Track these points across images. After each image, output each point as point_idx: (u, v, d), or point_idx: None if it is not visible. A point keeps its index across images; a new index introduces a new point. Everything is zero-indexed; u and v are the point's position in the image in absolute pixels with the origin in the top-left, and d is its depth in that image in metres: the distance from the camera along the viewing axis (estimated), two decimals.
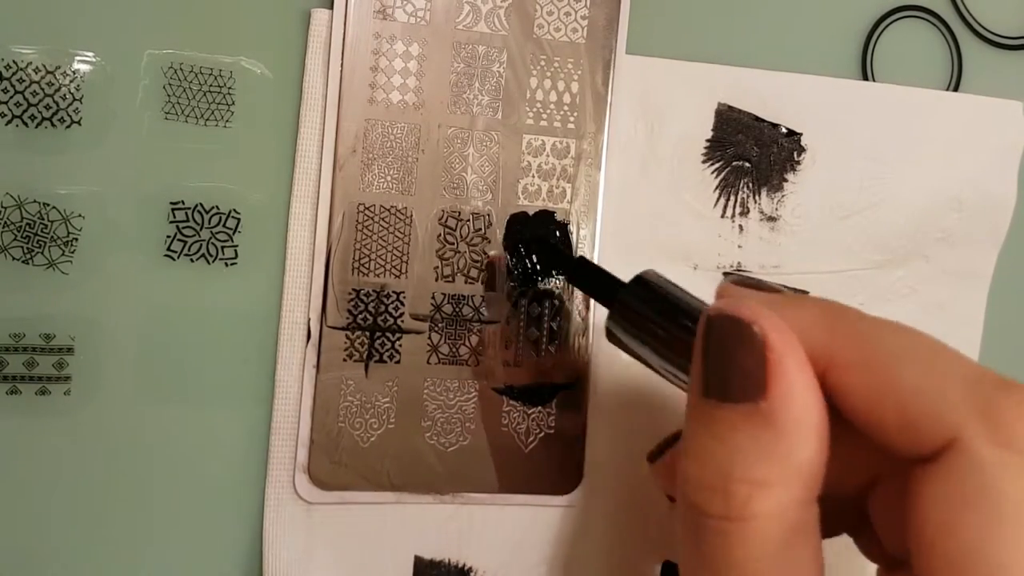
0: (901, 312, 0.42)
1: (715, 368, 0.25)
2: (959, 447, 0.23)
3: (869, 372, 0.25)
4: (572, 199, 0.38)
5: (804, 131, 0.40)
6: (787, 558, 0.24)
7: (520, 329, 0.38)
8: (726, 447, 0.24)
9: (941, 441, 0.23)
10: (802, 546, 0.24)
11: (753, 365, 0.24)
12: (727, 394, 0.24)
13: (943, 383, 0.24)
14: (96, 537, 0.36)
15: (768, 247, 0.40)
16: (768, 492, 0.23)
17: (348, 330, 0.37)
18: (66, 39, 0.35)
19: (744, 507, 0.23)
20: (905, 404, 0.24)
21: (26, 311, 0.35)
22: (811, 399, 0.24)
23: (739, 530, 0.24)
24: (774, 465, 0.24)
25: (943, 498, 0.23)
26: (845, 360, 0.25)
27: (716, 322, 0.25)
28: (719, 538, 0.24)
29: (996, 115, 0.42)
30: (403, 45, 0.37)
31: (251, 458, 0.37)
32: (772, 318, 0.25)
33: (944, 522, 0.22)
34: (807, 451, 0.24)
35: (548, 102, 0.38)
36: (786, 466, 0.24)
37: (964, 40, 0.42)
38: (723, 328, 0.25)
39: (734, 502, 0.24)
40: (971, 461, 0.22)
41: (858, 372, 0.25)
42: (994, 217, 0.42)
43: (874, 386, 0.24)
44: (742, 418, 0.24)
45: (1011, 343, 0.44)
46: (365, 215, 0.37)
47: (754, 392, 0.24)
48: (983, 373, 0.24)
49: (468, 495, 0.38)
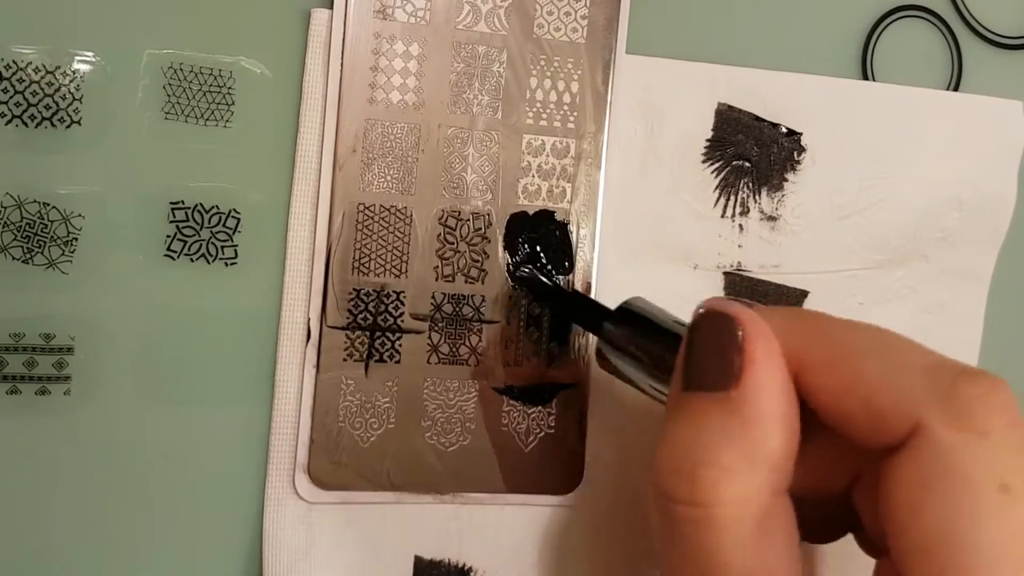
0: (901, 312, 0.42)
1: (696, 360, 0.27)
2: (921, 432, 0.24)
3: (836, 370, 0.26)
4: (572, 199, 0.38)
5: (804, 131, 0.40)
6: (758, 547, 0.24)
7: (520, 329, 0.38)
8: (695, 432, 0.25)
9: (905, 429, 0.24)
10: (773, 536, 0.25)
11: (730, 357, 0.26)
12: (702, 384, 0.26)
13: (904, 374, 0.25)
14: (96, 537, 0.36)
15: (768, 247, 0.41)
16: (733, 477, 0.24)
17: (348, 330, 0.37)
18: (66, 39, 0.35)
19: (710, 491, 0.24)
20: (870, 397, 0.25)
21: (26, 311, 0.35)
22: (780, 393, 0.26)
23: (707, 516, 0.24)
24: (740, 452, 0.25)
25: (909, 482, 0.24)
26: (814, 361, 0.26)
27: (704, 318, 0.27)
28: (689, 526, 0.25)
29: (996, 115, 0.42)
30: (403, 45, 0.37)
31: (251, 458, 0.37)
32: (754, 318, 0.26)
33: (912, 504, 0.23)
34: (773, 441, 0.25)
35: (548, 102, 0.38)
36: (752, 454, 0.25)
37: (964, 40, 0.42)
38: (709, 323, 0.27)
39: (700, 485, 0.24)
40: (933, 445, 0.24)
41: (826, 371, 0.26)
42: (994, 217, 0.42)
43: (841, 383, 0.26)
44: (713, 405, 0.25)
45: (1011, 343, 0.44)
46: (365, 215, 0.37)
47: (726, 381, 0.25)
48: (942, 361, 0.25)
49: (468, 495, 0.38)
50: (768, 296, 0.40)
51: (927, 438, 0.24)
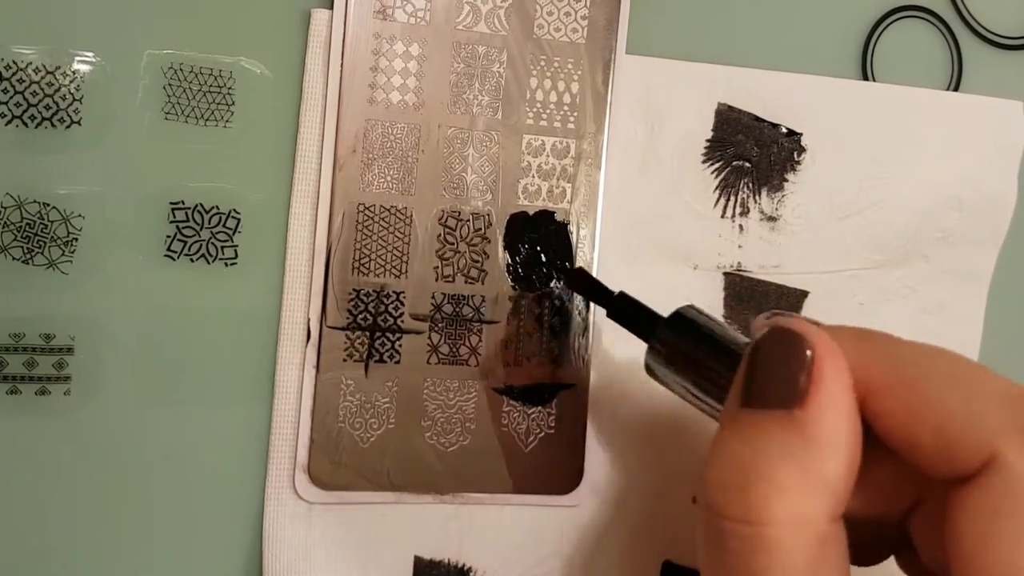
0: (901, 312, 0.42)
1: (758, 378, 0.25)
2: (997, 463, 0.23)
3: (905, 396, 0.25)
4: (572, 199, 0.38)
5: (804, 131, 0.40)
6: (811, 574, 0.23)
7: (520, 329, 0.38)
8: (752, 449, 0.24)
9: (979, 459, 0.23)
10: (826, 564, 0.24)
11: (797, 376, 0.25)
12: (765, 402, 0.25)
13: (979, 402, 0.24)
14: (96, 537, 0.36)
15: (768, 247, 0.40)
16: (789, 497, 0.23)
17: (348, 330, 0.37)
18: (66, 39, 0.35)
19: (763, 509, 0.23)
20: (942, 425, 0.24)
21: (26, 311, 0.35)
22: (846, 416, 0.24)
23: (759, 536, 0.23)
24: (798, 472, 0.24)
25: (980, 512, 0.23)
26: (881, 385, 0.25)
27: (771, 335, 0.26)
28: (739, 544, 0.24)
29: (996, 115, 0.42)
30: (403, 45, 0.37)
31: (251, 458, 0.37)
32: (825, 338, 0.25)
33: (981, 535, 0.23)
34: (834, 465, 0.24)
35: (548, 102, 0.38)
36: (811, 476, 0.24)
37: (964, 40, 0.42)
38: (776, 341, 0.26)
39: (753, 502, 0.23)
40: (1009, 475, 0.23)
41: (894, 396, 0.25)
42: (994, 217, 0.42)
43: (910, 410, 0.25)
44: (774, 423, 0.24)
45: (1011, 343, 0.44)
46: (365, 215, 0.37)
47: (791, 400, 0.24)
48: (1021, 391, 0.24)
49: (468, 495, 0.38)
50: (768, 297, 0.40)
51: (1003, 469, 0.23)
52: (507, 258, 0.38)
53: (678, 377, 0.32)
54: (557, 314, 0.39)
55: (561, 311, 0.39)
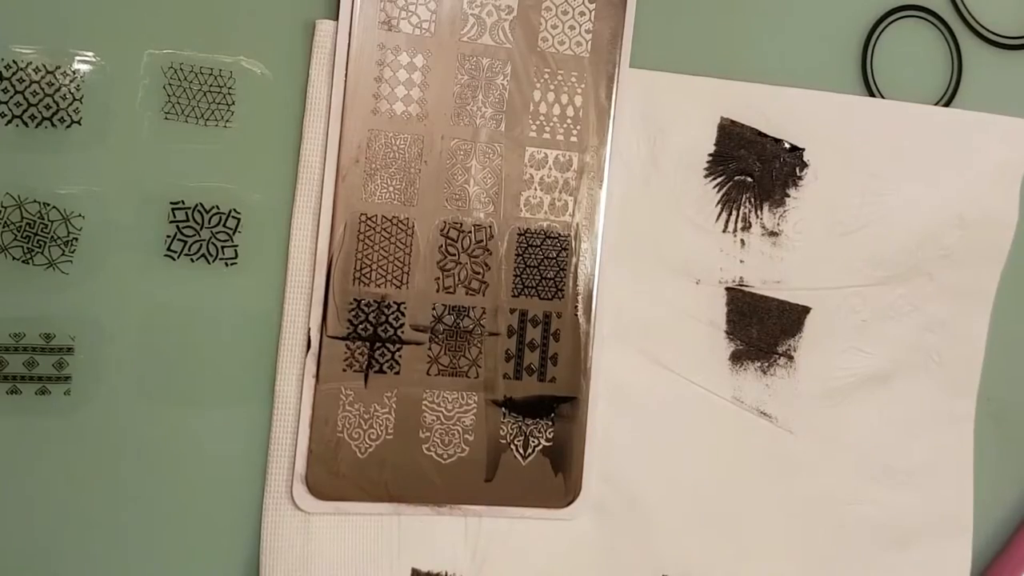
0: (903, 329, 0.42)
1: None
2: None
3: None
4: (574, 212, 0.38)
5: (807, 146, 0.41)
6: None
7: (520, 341, 0.38)
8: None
9: None
10: None
11: None
12: None
13: None
14: (96, 537, 0.35)
15: (770, 262, 0.41)
16: None
17: (348, 340, 0.37)
18: (66, 39, 0.34)
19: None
20: None
21: (26, 311, 0.34)
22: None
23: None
24: None
25: None
26: None
27: None
28: None
29: (997, 132, 0.42)
30: (407, 56, 0.37)
31: (250, 460, 0.37)
32: None
33: None
34: None
35: (551, 115, 0.38)
36: None
37: (964, 40, 0.43)
38: None
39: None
40: None
41: None
42: (996, 235, 0.43)
43: None
44: None
45: (1014, 361, 0.44)
46: (367, 225, 0.37)
47: None
48: None
49: (466, 507, 0.38)
50: (770, 313, 0.40)
51: None
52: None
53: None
54: (558, 327, 0.38)
55: (561, 324, 0.38)
